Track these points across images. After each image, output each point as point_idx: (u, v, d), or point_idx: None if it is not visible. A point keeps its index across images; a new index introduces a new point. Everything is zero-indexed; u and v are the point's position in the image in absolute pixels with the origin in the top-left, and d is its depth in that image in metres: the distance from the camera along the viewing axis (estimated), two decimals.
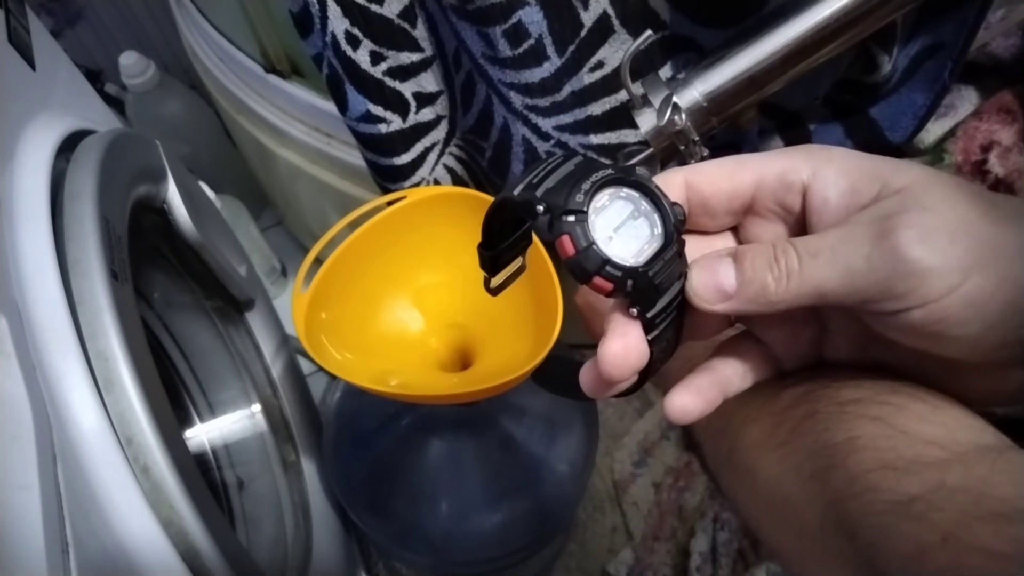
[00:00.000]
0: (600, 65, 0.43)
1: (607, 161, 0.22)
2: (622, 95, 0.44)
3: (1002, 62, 0.42)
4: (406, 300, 0.51)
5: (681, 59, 0.44)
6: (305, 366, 0.74)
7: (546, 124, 0.46)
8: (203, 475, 0.36)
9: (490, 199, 0.45)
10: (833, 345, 0.25)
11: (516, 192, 0.21)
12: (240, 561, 0.36)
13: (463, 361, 0.51)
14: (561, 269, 0.42)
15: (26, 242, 0.33)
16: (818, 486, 0.22)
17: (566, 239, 0.20)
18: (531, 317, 0.47)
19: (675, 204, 0.22)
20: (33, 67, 0.41)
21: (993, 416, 0.23)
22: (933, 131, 0.44)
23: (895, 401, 0.22)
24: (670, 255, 0.21)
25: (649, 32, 0.38)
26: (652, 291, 0.21)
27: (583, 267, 0.20)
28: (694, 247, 0.23)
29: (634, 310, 0.21)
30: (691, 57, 0.43)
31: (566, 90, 0.44)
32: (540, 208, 0.20)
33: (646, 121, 0.40)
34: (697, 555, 0.68)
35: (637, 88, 0.40)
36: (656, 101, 0.40)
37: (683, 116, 0.39)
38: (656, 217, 0.21)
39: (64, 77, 0.47)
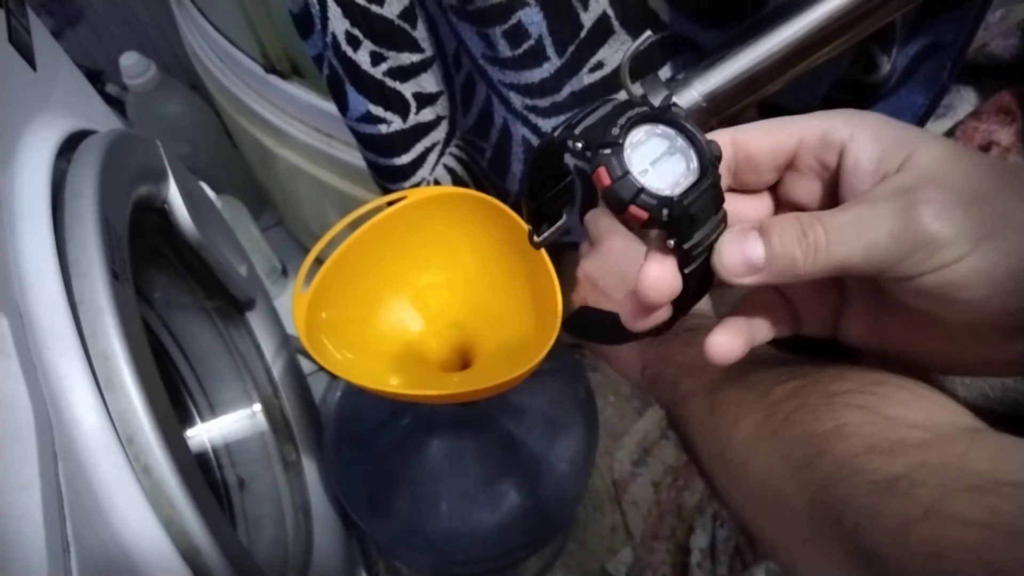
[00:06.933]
0: (600, 66, 0.43)
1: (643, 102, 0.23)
2: (622, 95, 0.44)
3: (1001, 62, 0.42)
4: (406, 300, 0.51)
5: (681, 59, 0.44)
6: (305, 366, 0.74)
7: (546, 125, 0.46)
8: (204, 475, 0.36)
9: (490, 199, 0.45)
10: (850, 311, 0.27)
11: (556, 134, 0.22)
12: (241, 560, 0.36)
13: (463, 361, 0.51)
14: (561, 268, 0.43)
15: (27, 242, 0.33)
16: (807, 473, 0.23)
17: (602, 170, 0.20)
18: (531, 317, 0.47)
19: (711, 141, 0.22)
20: (34, 67, 0.41)
21: (993, 415, 0.23)
22: (932, 131, 0.44)
23: (880, 391, 0.24)
24: (706, 186, 0.21)
25: (649, 32, 0.38)
26: (688, 221, 0.21)
27: (619, 196, 0.20)
28: (732, 205, 0.24)
29: (671, 242, 0.21)
30: (691, 57, 0.43)
31: (566, 90, 0.44)
32: (578, 145, 0.21)
33: None
34: (697, 551, 0.68)
35: (637, 88, 0.40)
36: (656, 101, 0.40)
37: None
38: (692, 152, 0.22)
39: (65, 77, 0.47)
